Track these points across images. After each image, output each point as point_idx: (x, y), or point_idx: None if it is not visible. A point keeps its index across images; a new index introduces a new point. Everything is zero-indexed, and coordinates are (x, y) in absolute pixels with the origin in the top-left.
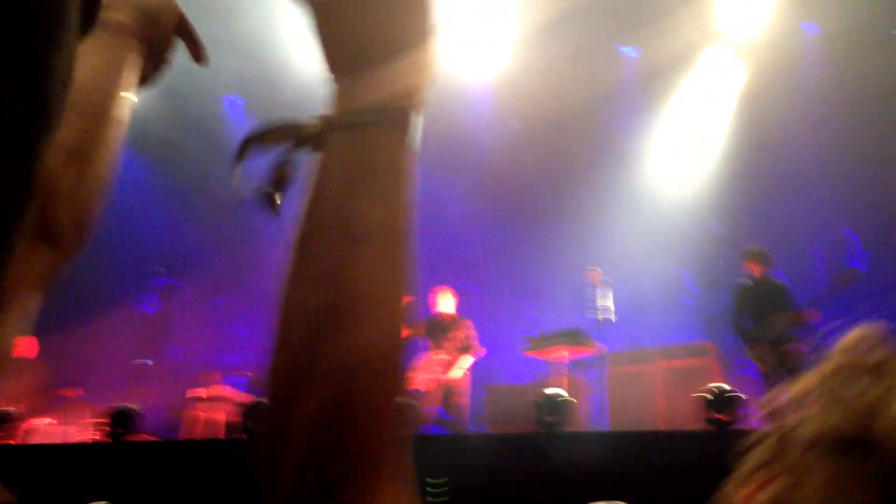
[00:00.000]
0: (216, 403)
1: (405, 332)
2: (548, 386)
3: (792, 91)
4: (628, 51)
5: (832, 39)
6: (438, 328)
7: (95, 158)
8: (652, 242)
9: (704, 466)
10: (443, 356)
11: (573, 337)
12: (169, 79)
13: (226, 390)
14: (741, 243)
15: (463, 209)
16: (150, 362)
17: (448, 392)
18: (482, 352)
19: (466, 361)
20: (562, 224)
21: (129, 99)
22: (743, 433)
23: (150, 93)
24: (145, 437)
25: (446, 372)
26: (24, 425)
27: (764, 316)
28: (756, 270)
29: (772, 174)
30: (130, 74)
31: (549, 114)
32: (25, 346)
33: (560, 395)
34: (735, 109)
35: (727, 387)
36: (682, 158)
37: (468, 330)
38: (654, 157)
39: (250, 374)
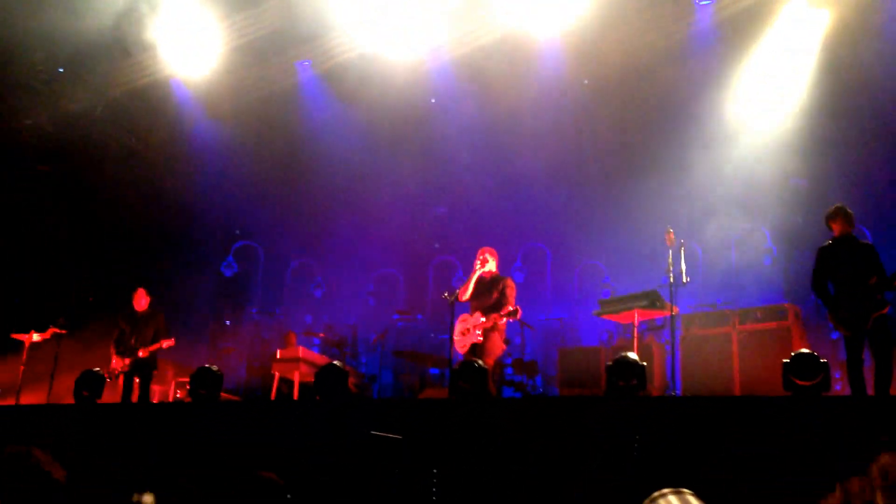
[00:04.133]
0: (291, 364)
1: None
2: (619, 349)
3: (876, 37)
4: (704, 2)
5: None
6: (481, 289)
7: None
8: (729, 200)
9: (784, 435)
10: (479, 317)
11: (647, 299)
12: (242, 43)
13: (300, 351)
14: (824, 200)
15: (535, 169)
16: (228, 323)
17: (477, 353)
18: (517, 312)
19: (500, 320)
20: (635, 183)
21: None
22: (823, 399)
23: (225, 61)
24: (225, 396)
25: (482, 333)
26: (116, 382)
27: (846, 277)
28: (839, 229)
29: (857, 127)
30: None
31: (620, 70)
32: (138, 298)
33: (632, 359)
34: (816, 58)
35: (809, 351)
36: (760, 112)
37: (508, 289)
38: (731, 111)
39: (323, 335)
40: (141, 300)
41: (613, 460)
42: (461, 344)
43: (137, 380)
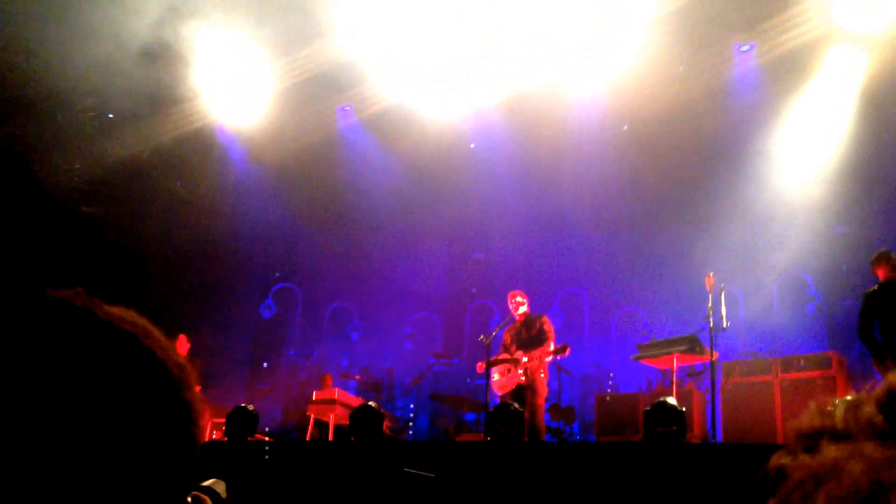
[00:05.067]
0: (327, 406)
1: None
2: (658, 395)
3: None
4: (744, 47)
5: None
6: (516, 331)
7: None
8: (773, 247)
9: None
10: (521, 357)
11: (686, 344)
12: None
13: (336, 393)
14: (867, 247)
15: (573, 215)
16: (266, 365)
17: (526, 393)
18: (566, 349)
19: (546, 357)
20: (676, 229)
21: None
22: None
23: (269, 106)
24: (260, 437)
25: (525, 373)
26: None
27: (894, 324)
28: (885, 275)
29: None
30: None
31: (660, 115)
32: (178, 346)
33: (671, 405)
34: (858, 105)
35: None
36: (803, 158)
37: (546, 325)
38: (773, 157)
39: (359, 377)
40: (181, 347)
41: None
42: (500, 384)
43: None
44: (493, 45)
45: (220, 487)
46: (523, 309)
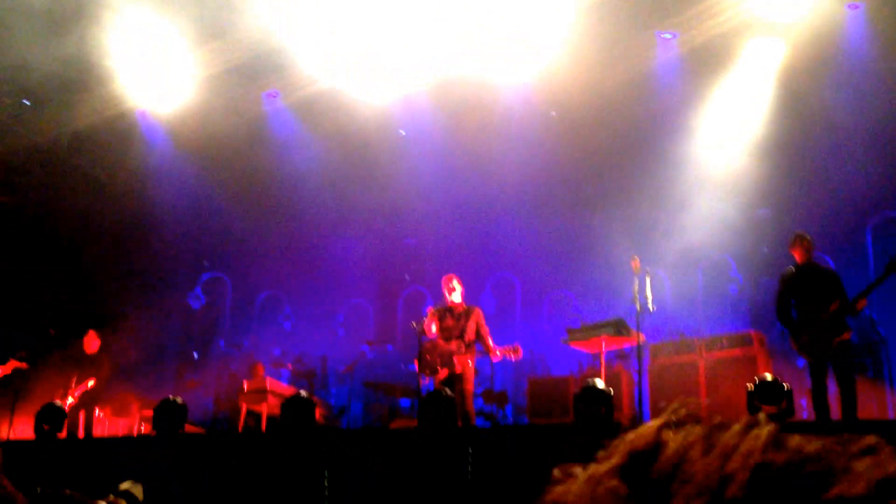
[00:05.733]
0: (258, 395)
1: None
2: (588, 378)
3: (834, 70)
4: (666, 35)
5: (875, 15)
6: (448, 317)
7: None
8: (695, 229)
9: None
10: (452, 345)
11: (614, 327)
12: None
13: (269, 382)
14: (786, 228)
15: (504, 200)
16: (197, 355)
17: (455, 380)
18: (518, 351)
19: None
20: (602, 213)
21: None
22: (787, 425)
23: (193, 92)
24: (190, 428)
25: (457, 360)
26: (75, 418)
27: (810, 303)
28: (801, 256)
29: (817, 156)
30: None
31: (587, 101)
32: (88, 341)
33: (600, 386)
34: (777, 92)
35: (772, 378)
36: (723, 143)
37: (478, 318)
38: (696, 142)
39: (292, 366)
40: (91, 342)
41: None
42: (432, 370)
43: (83, 414)
44: (421, 32)
45: (138, 490)
46: (457, 294)
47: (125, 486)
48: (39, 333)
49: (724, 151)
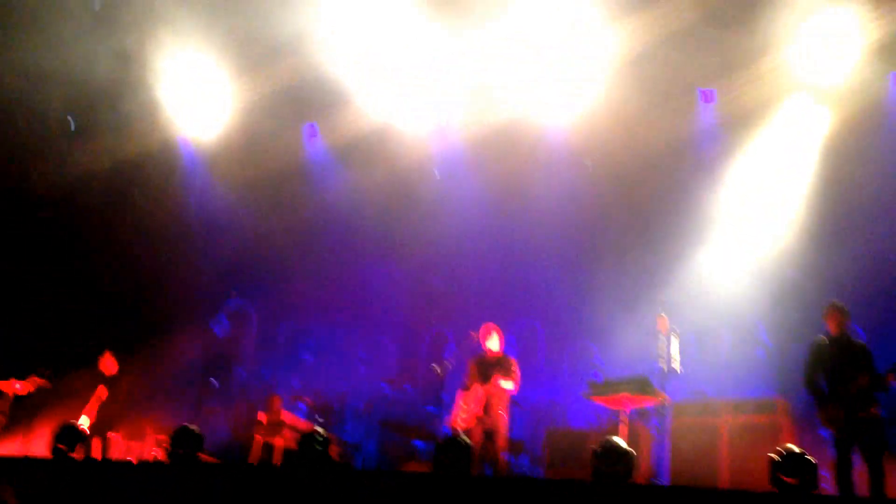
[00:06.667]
0: (274, 428)
1: None
2: (608, 434)
3: (877, 139)
4: (708, 94)
5: None
6: (484, 366)
7: None
8: (726, 291)
9: None
10: (485, 394)
11: (637, 385)
12: (251, 104)
13: (285, 416)
14: (820, 297)
15: (533, 247)
16: (217, 383)
17: (489, 431)
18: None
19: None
20: (633, 268)
21: None
22: (811, 498)
23: (232, 123)
24: (205, 457)
25: (489, 411)
26: (92, 440)
27: (839, 375)
28: (834, 326)
29: (855, 226)
30: None
31: (623, 154)
32: (106, 363)
33: (620, 445)
34: (817, 157)
35: (797, 448)
36: (761, 205)
37: (513, 369)
38: (731, 203)
39: (310, 400)
40: (107, 363)
41: None
42: (463, 418)
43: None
44: (460, 73)
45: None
46: (495, 344)
47: None
48: (67, 353)
49: (760, 214)
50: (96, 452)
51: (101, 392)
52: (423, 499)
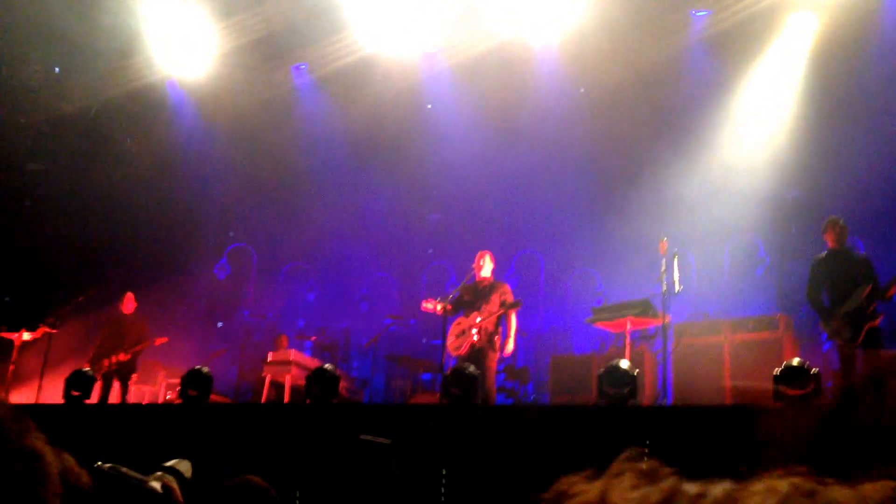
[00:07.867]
0: (282, 367)
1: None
2: (612, 357)
3: (869, 48)
4: (700, 13)
5: None
6: (477, 293)
7: None
8: (724, 211)
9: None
10: (478, 320)
11: (639, 308)
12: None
13: (292, 354)
14: (818, 211)
15: (529, 177)
16: (220, 325)
17: (479, 356)
18: (517, 305)
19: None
20: (630, 192)
21: None
22: (815, 409)
23: (222, 63)
24: (216, 398)
25: (479, 333)
26: (109, 384)
27: (840, 289)
28: (833, 241)
29: (851, 138)
30: None
31: (616, 78)
32: (126, 302)
33: (624, 368)
34: (809, 70)
35: (799, 361)
36: (755, 122)
37: (506, 294)
38: (725, 121)
39: (315, 338)
40: (129, 304)
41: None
42: (456, 346)
43: (118, 382)
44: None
45: (185, 467)
46: (486, 270)
47: (172, 463)
48: (69, 299)
49: (756, 131)
50: (117, 397)
51: (134, 338)
52: (433, 430)
